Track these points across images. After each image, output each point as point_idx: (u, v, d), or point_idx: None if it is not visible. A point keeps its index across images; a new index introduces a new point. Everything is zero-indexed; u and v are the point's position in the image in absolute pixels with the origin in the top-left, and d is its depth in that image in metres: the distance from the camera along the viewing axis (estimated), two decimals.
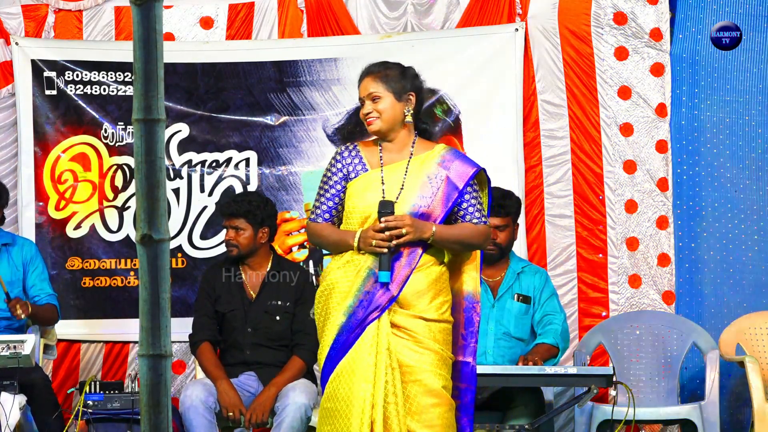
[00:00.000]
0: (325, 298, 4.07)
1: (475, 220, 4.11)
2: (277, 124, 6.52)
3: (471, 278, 4.16)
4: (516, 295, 5.58)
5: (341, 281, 4.03)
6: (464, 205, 4.10)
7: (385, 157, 4.13)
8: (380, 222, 3.98)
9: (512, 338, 5.54)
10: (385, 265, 3.96)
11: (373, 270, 4.00)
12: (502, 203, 5.51)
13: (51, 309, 5.74)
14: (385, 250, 3.96)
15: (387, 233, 3.96)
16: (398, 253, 4.01)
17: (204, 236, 6.51)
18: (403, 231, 3.97)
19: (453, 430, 4.01)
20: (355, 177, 4.11)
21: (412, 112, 4.14)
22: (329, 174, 4.15)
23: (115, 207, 6.50)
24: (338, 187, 4.12)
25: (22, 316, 5.46)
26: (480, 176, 4.18)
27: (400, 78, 4.14)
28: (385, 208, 3.99)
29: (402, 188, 4.07)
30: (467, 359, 4.10)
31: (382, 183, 4.07)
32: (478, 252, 4.19)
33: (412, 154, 4.13)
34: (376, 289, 3.99)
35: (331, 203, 4.13)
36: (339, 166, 4.14)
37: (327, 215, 4.13)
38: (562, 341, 5.51)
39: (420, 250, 4.03)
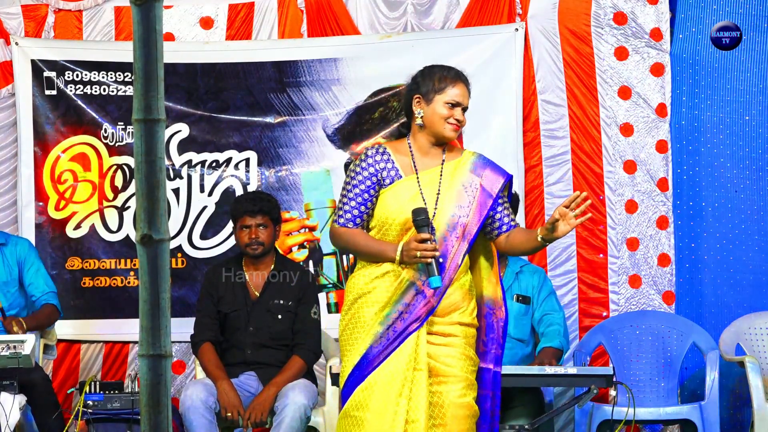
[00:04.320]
0: (358, 306, 3.99)
1: (513, 223, 4.08)
2: (276, 123, 6.51)
3: (490, 284, 4.12)
4: (515, 296, 5.58)
5: (379, 290, 3.96)
6: (498, 215, 4.06)
7: (418, 163, 4.05)
8: (418, 230, 3.90)
9: (512, 339, 5.54)
10: (434, 271, 3.88)
11: (413, 282, 3.94)
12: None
13: (49, 311, 5.73)
14: (431, 260, 3.89)
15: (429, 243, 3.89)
16: (443, 261, 3.95)
17: (204, 236, 6.51)
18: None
19: None
20: (390, 183, 4.01)
21: None
22: (360, 177, 4.02)
23: (115, 207, 6.50)
24: (371, 192, 4.01)
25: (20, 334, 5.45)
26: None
27: None
28: (419, 215, 3.91)
29: (438, 195, 4.01)
30: (488, 365, 4.06)
31: (421, 191, 4.01)
32: (496, 258, 4.14)
33: (444, 159, 4.08)
34: (418, 301, 3.94)
35: (363, 208, 4.01)
36: (371, 170, 4.02)
37: (359, 220, 4.02)
38: (566, 342, 5.52)
39: (460, 260, 3.99)
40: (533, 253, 4.47)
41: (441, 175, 4.04)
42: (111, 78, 6.52)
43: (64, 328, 6.25)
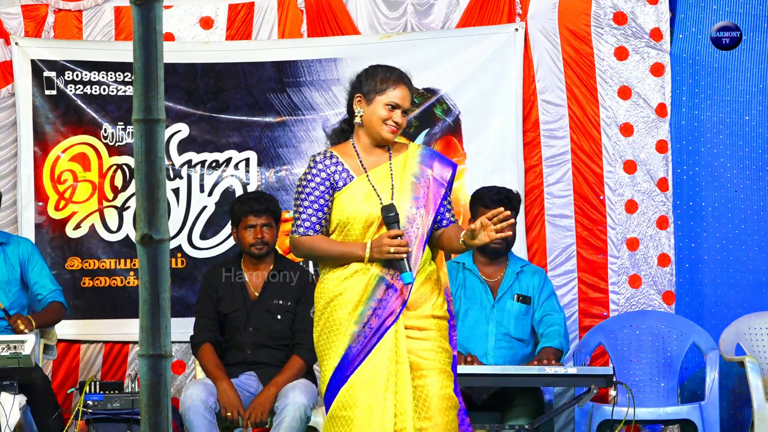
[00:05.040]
0: (331, 309, 4.02)
1: (453, 219, 4.15)
2: (276, 123, 6.52)
3: (444, 272, 4.19)
4: (516, 296, 5.58)
5: (350, 291, 3.99)
6: (441, 209, 4.11)
7: (365, 162, 4.10)
8: (389, 227, 3.95)
9: (512, 339, 5.55)
10: (406, 267, 3.94)
11: (382, 277, 3.98)
12: (508, 195, 5.52)
13: (55, 309, 5.74)
14: (405, 255, 3.94)
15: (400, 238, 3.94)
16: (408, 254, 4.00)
17: (204, 236, 6.51)
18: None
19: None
20: (344, 186, 4.06)
21: None
22: (313, 184, 4.05)
23: (115, 207, 6.50)
24: (326, 197, 4.05)
25: (26, 332, 5.43)
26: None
27: None
28: (389, 211, 3.97)
29: (393, 190, 4.05)
30: (454, 352, 4.12)
31: (375, 189, 4.05)
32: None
33: (391, 155, 4.13)
34: (389, 295, 3.97)
35: (320, 214, 4.04)
36: (323, 175, 4.06)
37: (318, 226, 4.05)
38: (566, 343, 5.52)
39: (421, 252, 4.03)
40: (456, 253, 4.51)
41: (391, 170, 4.09)
42: (111, 78, 6.52)
43: (64, 328, 6.24)
